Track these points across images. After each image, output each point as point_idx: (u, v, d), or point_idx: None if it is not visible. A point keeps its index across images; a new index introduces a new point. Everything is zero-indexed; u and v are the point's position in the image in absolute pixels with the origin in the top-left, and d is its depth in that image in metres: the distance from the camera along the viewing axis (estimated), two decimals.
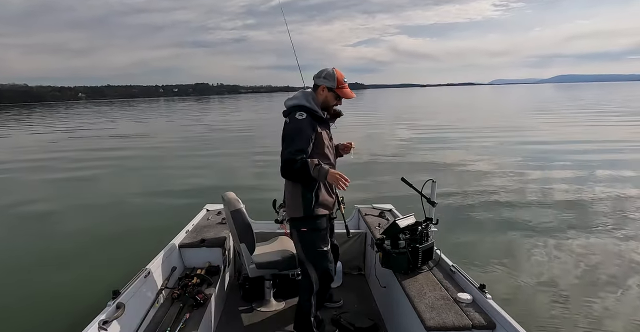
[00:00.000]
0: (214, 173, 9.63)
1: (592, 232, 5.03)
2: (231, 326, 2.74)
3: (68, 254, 4.88)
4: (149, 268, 2.37)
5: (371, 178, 8.14)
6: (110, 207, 6.96)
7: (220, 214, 3.55)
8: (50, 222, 6.25)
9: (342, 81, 2.21)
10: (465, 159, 10.15)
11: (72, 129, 24.93)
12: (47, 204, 7.35)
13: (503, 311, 1.82)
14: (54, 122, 34.66)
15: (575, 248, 4.59)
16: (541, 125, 17.86)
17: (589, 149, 11.20)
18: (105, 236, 5.43)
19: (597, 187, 7.14)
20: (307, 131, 2.15)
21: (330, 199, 2.32)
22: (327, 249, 2.33)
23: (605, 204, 6.19)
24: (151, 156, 12.81)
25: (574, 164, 9.28)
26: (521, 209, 6.06)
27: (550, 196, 6.69)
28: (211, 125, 23.95)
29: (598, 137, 13.56)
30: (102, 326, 1.76)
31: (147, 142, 16.59)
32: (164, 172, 9.99)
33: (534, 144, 12.34)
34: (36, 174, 10.43)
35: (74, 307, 3.45)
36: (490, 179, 8.05)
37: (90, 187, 8.65)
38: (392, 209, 3.56)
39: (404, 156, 10.90)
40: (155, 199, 7.44)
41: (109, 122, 31.23)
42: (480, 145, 12.43)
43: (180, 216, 3.73)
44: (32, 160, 12.65)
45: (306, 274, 2.37)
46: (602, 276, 3.95)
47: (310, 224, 2.28)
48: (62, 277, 4.21)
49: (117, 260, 4.39)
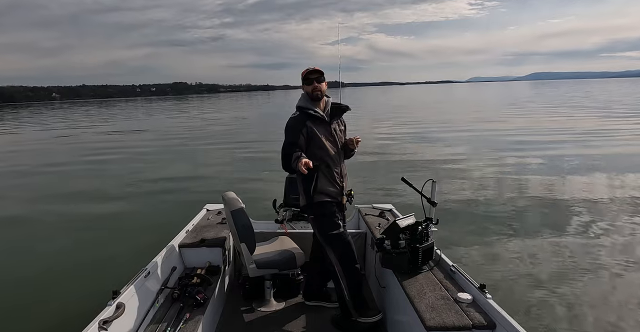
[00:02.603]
0: (214, 173, 9.63)
1: (592, 232, 5.03)
2: (231, 326, 2.74)
3: (68, 254, 4.88)
4: (149, 268, 2.37)
5: (371, 178, 8.15)
6: (110, 207, 6.96)
7: (220, 214, 3.55)
8: (50, 222, 6.25)
9: (303, 73, 2.50)
10: (466, 159, 10.15)
11: (62, 128, 24.95)
12: (47, 204, 7.36)
13: (503, 311, 1.82)
14: (46, 120, 34.36)
15: (575, 248, 4.58)
16: (543, 123, 17.86)
17: (593, 145, 11.21)
18: (105, 236, 5.43)
19: (599, 187, 7.14)
20: (297, 126, 2.41)
21: (331, 189, 2.51)
22: (338, 231, 2.49)
23: (608, 204, 6.19)
24: (151, 156, 12.80)
25: (576, 163, 9.28)
26: (521, 209, 6.05)
27: (551, 196, 6.68)
28: (204, 125, 24.01)
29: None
30: (102, 326, 1.76)
31: (146, 142, 16.58)
32: (164, 172, 9.99)
33: (534, 143, 12.34)
34: (35, 173, 10.43)
35: (74, 307, 3.45)
36: (490, 179, 8.04)
37: (90, 187, 8.65)
38: (392, 209, 3.56)
39: (405, 155, 10.90)
40: (155, 199, 7.44)
41: (103, 121, 31.10)
42: (481, 144, 12.43)
43: (180, 216, 3.73)
44: (32, 159, 12.66)
45: (328, 259, 2.53)
46: (602, 275, 3.95)
47: (315, 211, 2.51)
48: (62, 277, 4.21)
49: (117, 260, 4.39)
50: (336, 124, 2.59)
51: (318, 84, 2.45)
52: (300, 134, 2.40)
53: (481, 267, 4.11)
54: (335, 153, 2.52)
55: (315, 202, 2.46)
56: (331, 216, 2.50)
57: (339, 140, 2.57)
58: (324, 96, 2.51)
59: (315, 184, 2.43)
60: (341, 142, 2.58)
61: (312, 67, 2.48)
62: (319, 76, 2.45)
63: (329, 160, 2.49)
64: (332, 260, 2.51)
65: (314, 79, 2.44)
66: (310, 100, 2.48)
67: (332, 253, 2.50)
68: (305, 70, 2.49)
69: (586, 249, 4.57)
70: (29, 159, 13.13)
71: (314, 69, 2.47)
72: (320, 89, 2.46)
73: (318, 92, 2.46)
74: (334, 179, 2.51)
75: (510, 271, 4.04)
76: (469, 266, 3.98)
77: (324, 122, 2.50)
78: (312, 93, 2.46)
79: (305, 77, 2.47)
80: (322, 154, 2.46)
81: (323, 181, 2.46)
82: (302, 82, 2.50)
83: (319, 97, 2.47)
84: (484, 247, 4.66)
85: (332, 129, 2.53)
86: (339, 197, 2.55)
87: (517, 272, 4.02)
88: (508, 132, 15.00)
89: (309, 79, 2.45)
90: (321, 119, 2.48)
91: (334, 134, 2.53)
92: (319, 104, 2.50)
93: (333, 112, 2.55)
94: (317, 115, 2.46)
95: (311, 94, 2.47)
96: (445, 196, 6.53)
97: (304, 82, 2.48)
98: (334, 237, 2.49)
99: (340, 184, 2.55)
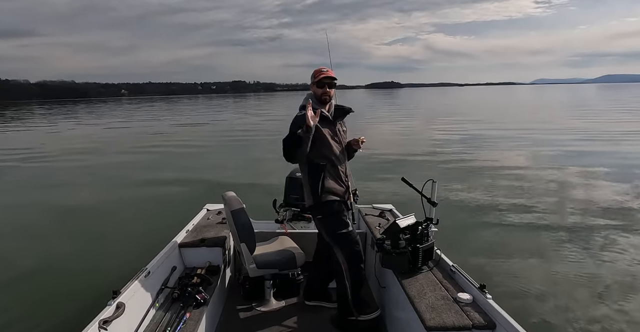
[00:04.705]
0: (214, 173, 9.63)
1: (592, 232, 5.03)
2: (231, 325, 2.74)
3: (68, 254, 4.88)
4: (149, 268, 2.36)
5: (371, 178, 8.15)
6: (110, 206, 6.96)
7: (220, 214, 3.55)
8: (50, 222, 6.25)
9: (317, 72, 2.50)
10: (465, 159, 10.15)
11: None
12: (47, 203, 7.35)
13: (503, 311, 1.82)
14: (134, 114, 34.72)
15: (575, 248, 4.59)
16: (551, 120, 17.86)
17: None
18: (105, 236, 5.43)
19: (601, 186, 7.14)
20: (300, 123, 2.38)
21: (338, 187, 2.53)
22: (346, 230, 2.50)
23: (607, 202, 6.19)
24: (150, 156, 12.81)
25: (578, 164, 9.28)
26: (521, 209, 6.05)
27: (551, 195, 6.69)
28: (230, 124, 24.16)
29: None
30: (102, 326, 1.76)
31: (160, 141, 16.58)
32: (164, 171, 9.99)
33: (534, 142, 12.35)
34: (33, 170, 10.43)
35: (74, 307, 3.45)
36: (490, 179, 8.05)
37: (90, 187, 8.65)
38: (392, 209, 3.56)
39: (407, 155, 10.91)
40: (155, 198, 7.44)
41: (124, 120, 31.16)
42: (481, 144, 12.43)
43: (180, 215, 3.73)
44: (33, 157, 12.65)
45: (335, 257, 2.54)
46: (603, 276, 3.95)
47: (323, 211, 2.52)
48: (62, 277, 4.21)
49: (117, 260, 4.38)
50: (339, 124, 2.63)
51: (329, 89, 2.50)
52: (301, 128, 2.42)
53: (481, 267, 4.11)
54: (340, 152, 2.57)
55: (322, 201, 2.48)
56: (339, 215, 2.53)
57: (343, 140, 2.62)
58: (330, 100, 2.56)
59: (322, 184, 2.46)
60: (344, 142, 2.63)
61: (326, 69, 2.51)
62: (332, 82, 2.50)
63: (335, 159, 2.53)
64: (340, 259, 2.52)
65: (326, 84, 2.48)
66: (317, 102, 2.52)
67: (340, 252, 2.52)
68: (317, 71, 2.51)
69: (586, 249, 4.57)
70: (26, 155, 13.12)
71: (328, 74, 2.48)
72: (329, 94, 2.52)
73: (327, 96, 2.51)
74: (340, 178, 2.55)
75: (511, 271, 4.04)
76: (468, 266, 3.97)
77: (330, 122, 2.55)
78: (322, 97, 2.51)
79: (319, 80, 2.48)
80: (328, 153, 2.50)
81: (329, 180, 2.50)
82: (313, 82, 2.52)
83: (326, 101, 2.53)
84: (484, 247, 4.66)
85: (336, 129, 2.58)
86: (345, 196, 2.57)
87: (517, 272, 4.02)
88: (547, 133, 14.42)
89: (322, 83, 2.48)
90: (327, 119, 2.53)
91: (339, 134, 2.59)
92: (324, 106, 2.55)
93: (336, 114, 2.61)
94: (323, 115, 2.49)
95: (320, 97, 2.51)
96: (446, 196, 6.52)
97: (317, 84, 2.50)
98: (343, 237, 2.50)
99: (346, 183, 2.59)
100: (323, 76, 2.48)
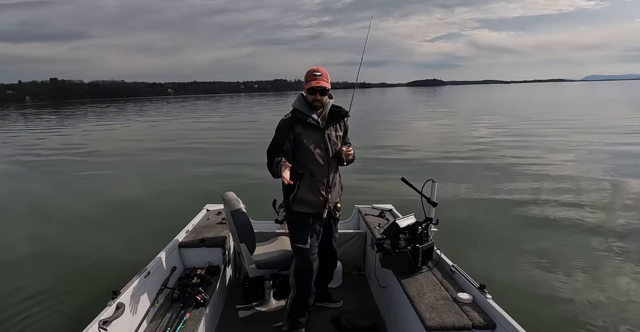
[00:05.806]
0: (214, 172, 9.62)
1: (593, 232, 5.03)
2: (231, 325, 2.74)
3: (68, 254, 4.87)
4: (149, 268, 2.37)
5: (371, 178, 8.14)
6: (110, 206, 6.95)
7: (220, 214, 3.55)
8: (50, 221, 6.24)
9: (308, 76, 2.29)
10: (466, 159, 10.14)
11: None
12: (47, 203, 7.34)
13: (503, 311, 1.82)
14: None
15: (575, 248, 4.58)
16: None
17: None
18: (104, 236, 5.42)
19: (601, 184, 7.13)
20: (284, 130, 2.29)
21: (312, 199, 2.36)
22: (304, 246, 2.42)
23: (600, 197, 6.19)
24: (151, 156, 12.80)
25: (578, 163, 9.27)
26: (521, 208, 6.04)
27: (551, 195, 6.68)
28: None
29: None
30: (102, 326, 1.76)
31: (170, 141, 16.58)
32: (164, 171, 9.99)
33: (532, 141, 12.32)
34: (33, 169, 10.43)
35: (74, 307, 3.45)
36: (490, 179, 8.04)
37: (90, 187, 8.64)
38: (392, 209, 3.56)
39: (406, 155, 10.90)
40: (155, 198, 7.43)
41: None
42: (481, 143, 12.42)
43: (180, 216, 3.73)
44: (33, 155, 12.65)
45: (323, 259, 2.57)
46: (603, 275, 3.95)
47: (291, 219, 2.45)
48: (62, 277, 4.21)
49: (117, 260, 4.38)
50: (332, 129, 2.38)
51: (322, 96, 2.29)
52: (286, 138, 2.26)
53: (481, 267, 4.10)
54: (324, 162, 2.34)
55: (292, 210, 2.38)
56: (302, 228, 2.40)
57: (332, 147, 2.36)
58: (322, 107, 2.35)
59: (295, 193, 2.33)
60: (335, 149, 2.38)
61: (319, 73, 2.26)
62: (323, 90, 2.28)
63: (315, 169, 2.32)
64: (290, 269, 2.56)
65: (317, 91, 2.27)
66: (308, 106, 2.32)
67: (293, 263, 2.55)
68: (309, 73, 2.28)
69: (586, 248, 4.57)
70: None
71: (319, 82, 2.24)
72: (321, 101, 2.30)
73: (318, 103, 2.30)
74: (316, 190, 2.35)
75: (510, 271, 4.04)
76: (468, 265, 3.97)
77: (317, 129, 2.33)
78: (312, 103, 2.31)
79: (310, 88, 2.26)
80: (307, 162, 2.31)
81: (304, 190, 2.33)
82: (306, 85, 2.29)
83: (317, 108, 2.32)
84: (484, 247, 4.65)
85: (325, 136, 2.34)
86: (319, 209, 2.38)
87: (517, 273, 4.02)
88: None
89: (314, 90, 2.27)
90: (314, 126, 2.32)
91: (327, 142, 2.34)
92: (315, 111, 2.34)
93: (331, 116, 2.38)
94: (309, 122, 2.30)
95: (311, 103, 2.31)
96: (446, 196, 6.52)
97: (308, 90, 2.28)
98: (298, 251, 2.45)
99: (325, 196, 2.37)
100: (314, 85, 2.25)
